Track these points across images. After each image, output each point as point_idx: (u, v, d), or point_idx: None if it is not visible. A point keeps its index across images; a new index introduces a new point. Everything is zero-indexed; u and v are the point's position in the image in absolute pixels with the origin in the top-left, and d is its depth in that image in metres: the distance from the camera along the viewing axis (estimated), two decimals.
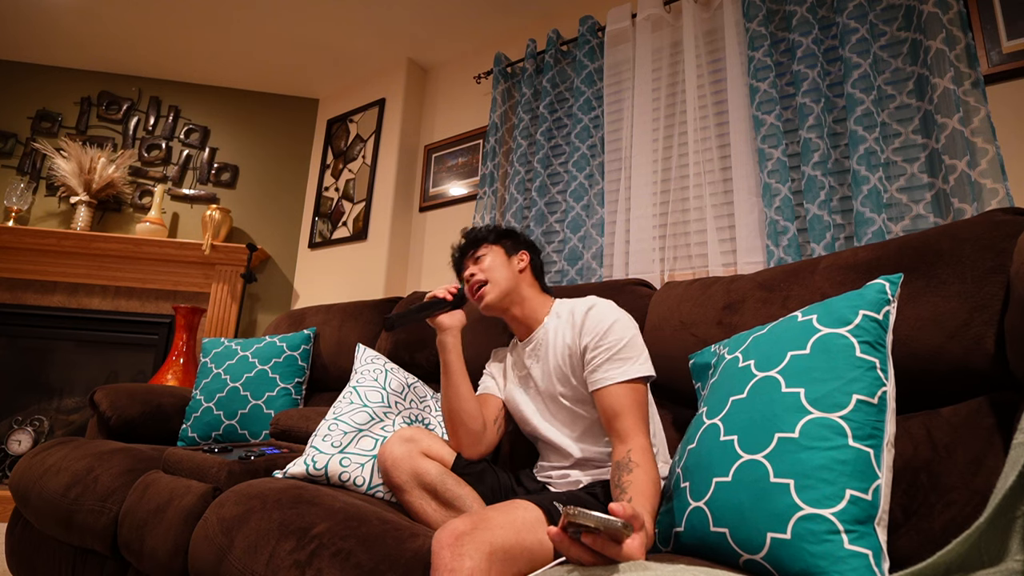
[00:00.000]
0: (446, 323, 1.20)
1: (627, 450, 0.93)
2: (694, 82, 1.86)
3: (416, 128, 2.91)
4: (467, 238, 1.32)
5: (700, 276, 1.63)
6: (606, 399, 1.01)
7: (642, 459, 0.90)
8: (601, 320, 1.08)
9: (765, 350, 0.83)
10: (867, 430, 0.69)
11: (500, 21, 2.57)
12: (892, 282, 0.78)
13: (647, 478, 0.86)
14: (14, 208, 2.81)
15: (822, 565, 0.63)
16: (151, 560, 1.11)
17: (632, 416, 0.97)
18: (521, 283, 1.25)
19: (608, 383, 1.01)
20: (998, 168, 1.32)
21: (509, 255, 1.27)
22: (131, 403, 1.80)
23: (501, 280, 1.22)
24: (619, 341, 1.04)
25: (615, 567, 0.58)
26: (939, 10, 1.43)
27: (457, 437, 1.16)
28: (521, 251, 1.29)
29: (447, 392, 1.18)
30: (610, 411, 0.99)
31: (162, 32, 2.77)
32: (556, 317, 1.20)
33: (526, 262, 1.28)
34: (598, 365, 1.04)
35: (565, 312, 1.18)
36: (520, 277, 1.25)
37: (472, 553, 0.67)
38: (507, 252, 1.27)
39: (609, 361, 1.03)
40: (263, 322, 3.01)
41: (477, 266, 1.25)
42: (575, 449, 1.11)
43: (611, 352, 1.04)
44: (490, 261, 1.24)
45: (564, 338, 1.13)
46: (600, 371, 1.03)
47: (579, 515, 0.56)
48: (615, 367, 1.02)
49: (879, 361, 0.73)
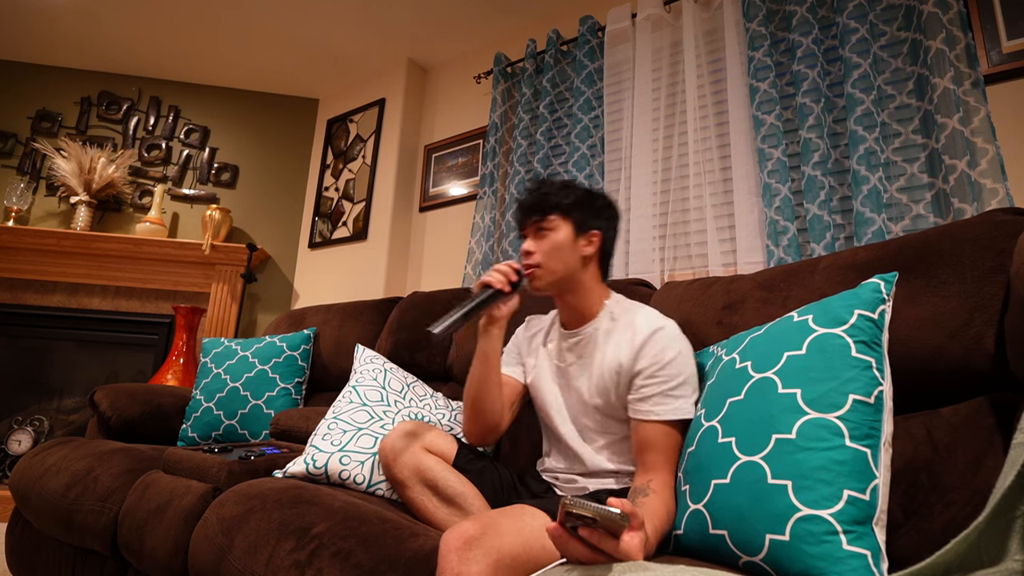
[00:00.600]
0: (499, 314, 1.07)
1: (649, 480, 0.90)
2: (694, 82, 1.86)
3: (416, 128, 2.91)
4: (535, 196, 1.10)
5: (700, 276, 1.63)
6: (645, 432, 0.95)
7: (661, 489, 0.88)
8: (665, 349, 0.98)
9: (762, 351, 0.83)
10: (864, 430, 0.69)
11: (500, 21, 2.57)
12: (887, 281, 0.78)
13: (662, 506, 0.85)
14: (14, 208, 2.81)
15: (821, 566, 0.63)
16: (151, 560, 1.11)
17: (664, 453, 0.93)
18: (582, 270, 1.09)
19: (652, 419, 0.95)
20: (998, 168, 1.32)
21: (578, 234, 1.09)
22: (131, 403, 1.80)
23: (558, 268, 1.07)
24: (676, 377, 0.96)
25: (615, 567, 0.58)
26: (939, 10, 1.43)
27: (474, 425, 1.11)
28: (593, 231, 1.10)
29: (479, 384, 1.09)
30: (645, 444, 0.95)
31: (162, 32, 2.77)
32: (610, 318, 1.09)
33: (596, 245, 1.10)
34: (647, 396, 0.97)
35: (623, 318, 1.07)
36: (583, 263, 1.09)
37: (480, 559, 0.67)
38: (576, 230, 1.08)
39: (661, 396, 0.96)
40: (263, 322, 3.01)
41: (536, 241, 1.08)
42: (592, 459, 1.06)
43: (665, 387, 0.96)
44: (552, 242, 1.07)
45: (618, 352, 1.03)
46: (648, 403, 0.96)
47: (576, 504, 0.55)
48: (664, 404, 0.95)
49: (875, 360, 0.73)
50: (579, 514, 0.56)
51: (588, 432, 1.09)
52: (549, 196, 1.09)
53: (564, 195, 1.09)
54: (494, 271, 1.06)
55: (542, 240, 1.08)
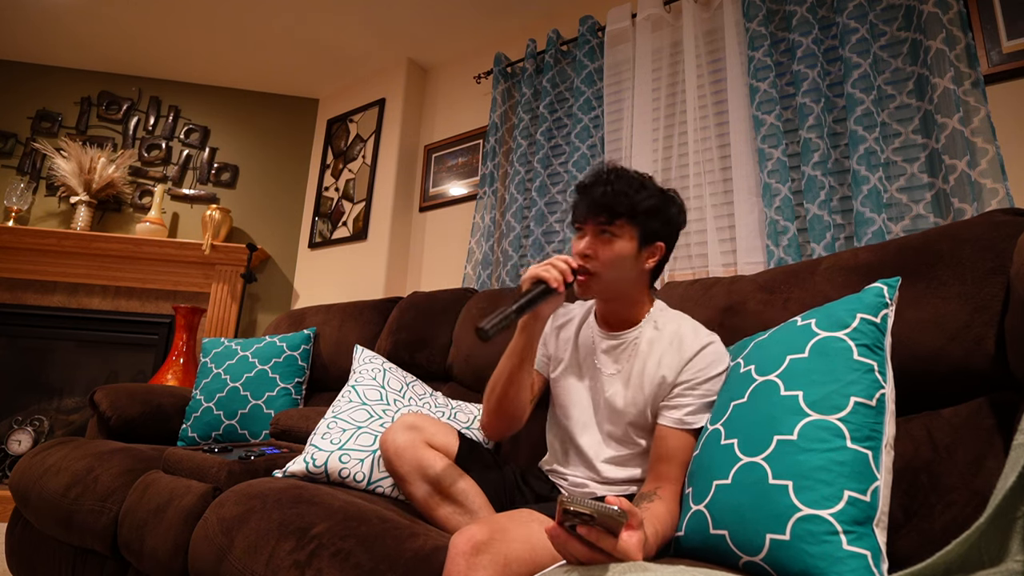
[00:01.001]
0: (546, 313, 1.01)
1: (657, 487, 0.90)
2: (694, 82, 1.86)
3: (416, 128, 2.91)
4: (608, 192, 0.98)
5: (700, 276, 1.63)
6: (668, 440, 0.94)
7: (668, 498, 0.88)
8: (713, 365, 0.96)
9: (765, 355, 0.84)
10: (865, 432, 0.69)
11: (500, 21, 2.57)
12: (890, 286, 0.79)
13: (667, 513, 0.85)
14: (14, 208, 2.81)
15: (821, 566, 0.63)
16: (151, 560, 1.11)
17: (680, 466, 0.92)
18: (638, 281, 1.03)
19: (681, 427, 0.94)
20: (998, 168, 1.32)
21: (642, 246, 1.00)
22: (131, 403, 1.80)
23: (615, 279, 1.00)
24: (712, 392, 0.95)
25: (614, 567, 0.58)
26: (939, 10, 1.43)
27: (498, 421, 1.09)
28: (658, 243, 1.02)
29: (509, 381, 1.05)
30: (664, 453, 0.94)
31: (162, 32, 2.77)
32: (654, 327, 1.04)
33: (657, 258, 1.03)
34: (683, 406, 0.95)
35: (668, 328, 1.03)
36: (640, 274, 1.03)
37: (488, 565, 0.67)
38: (642, 241, 1.00)
39: (695, 408, 0.94)
40: (263, 322, 3.01)
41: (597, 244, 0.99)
42: (607, 468, 1.04)
43: (703, 400, 0.94)
44: (616, 252, 0.98)
45: (662, 364, 0.99)
46: (681, 412, 0.95)
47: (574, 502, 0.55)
48: (696, 416, 0.94)
49: (877, 364, 0.73)
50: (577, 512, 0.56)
51: (611, 440, 1.06)
52: (623, 196, 0.97)
53: (640, 198, 0.98)
54: (551, 266, 0.96)
55: (604, 245, 0.99)
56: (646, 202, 0.98)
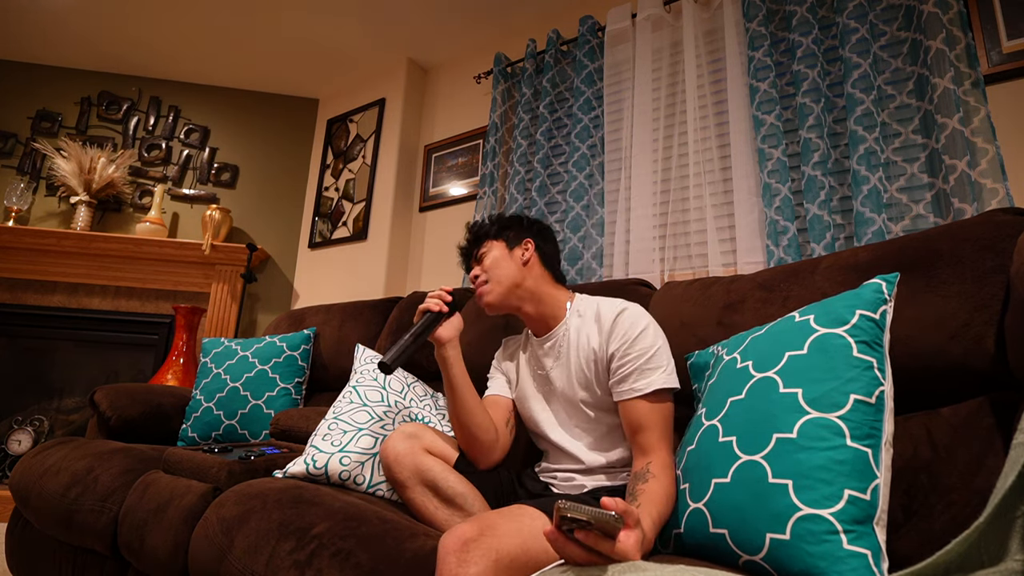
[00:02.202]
0: (445, 336, 1.12)
1: (647, 462, 0.92)
2: (694, 82, 1.86)
3: (416, 128, 2.91)
4: (470, 235, 1.26)
5: (700, 276, 1.63)
6: (632, 412, 0.98)
7: (661, 472, 0.89)
8: (632, 326, 1.03)
9: (763, 350, 0.83)
10: (865, 430, 0.69)
11: (500, 21, 2.57)
12: (889, 282, 0.79)
13: (661, 489, 0.86)
14: (14, 208, 2.81)
15: (821, 565, 0.63)
16: (151, 560, 1.11)
17: (657, 430, 0.95)
18: (527, 277, 1.17)
19: (635, 395, 0.98)
20: (998, 168, 1.32)
21: (511, 247, 1.19)
22: (131, 403, 1.80)
23: (503, 278, 1.15)
24: (648, 350, 1.00)
25: (614, 566, 0.58)
26: (939, 10, 1.43)
27: (471, 450, 1.13)
28: (525, 240, 1.21)
29: (455, 408, 1.12)
30: (635, 424, 0.97)
31: (162, 32, 2.77)
32: (578, 315, 1.14)
33: (530, 251, 1.20)
34: (625, 375, 1.00)
35: (589, 311, 1.12)
36: (526, 270, 1.17)
37: (478, 560, 0.67)
38: (509, 244, 1.20)
39: (637, 372, 0.99)
40: (263, 322, 3.01)
41: (480, 265, 1.20)
42: (587, 456, 1.08)
43: (639, 362, 1.00)
44: (491, 258, 1.18)
45: (589, 341, 1.08)
46: (628, 382, 1.00)
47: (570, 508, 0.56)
48: (644, 379, 0.99)
49: (876, 361, 0.73)
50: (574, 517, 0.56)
51: (578, 431, 1.11)
52: (479, 229, 1.24)
53: (491, 225, 1.24)
54: (429, 297, 1.12)
55: (483, 262, 1.19)
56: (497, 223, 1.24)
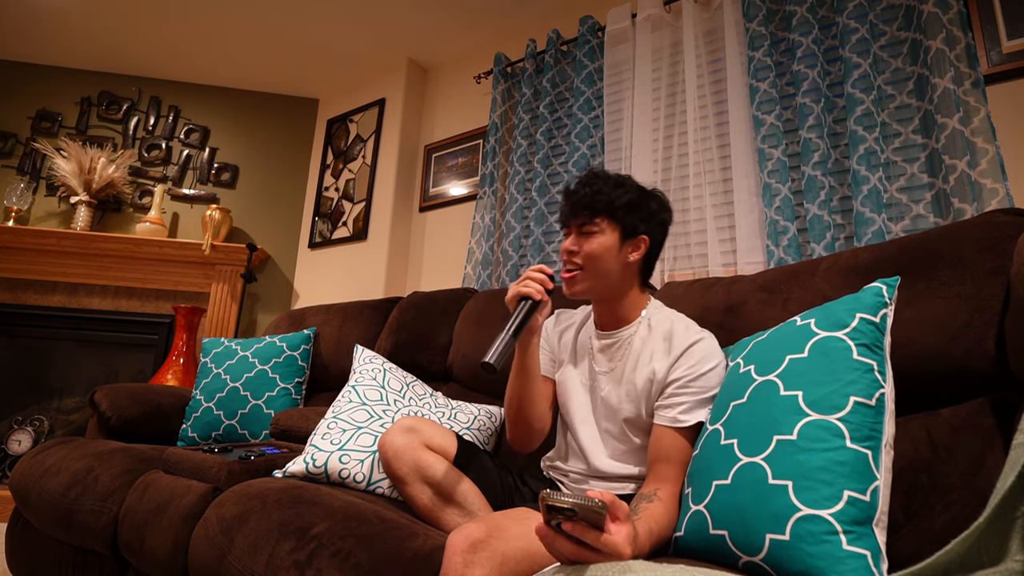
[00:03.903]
0: (537, 325, 1.03)
1: (656, 488, 0.90)
2: (694, 82, 1.86)
3: (416, 128, 2.91)
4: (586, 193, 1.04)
5: (700, 276, 1.63)
6: (664, 439, 0.95)
7: (668, 500, 0.88)
8: (703, 361, 0.96)
9: (765, 355, 0.83)
10: (865, 431, 0.69)
11: (500, 21, 2.57)
12: (889, 285, 0.79)
13: (665, 512, 0.85)
14: (14, 208, 2.81)
15: (821, 566, 0.63)
16: (151, 560, 1.11)
17: (679, 467, 0.92)
18: (624, 277, 1.06)
19: (676, 425, 0.94)
20: (998, 168, 1.32)
21: (624, 240, 1.04)
22: (131, 403, 1.80)
23: (600, 272, 1.03)
24: (708, 389, 0.95)
25: (614, 566, 0.58)
26: (939, 10, 1.43)
27: (520, 437, 1.11)
28: (641, 236, 1.05)
29: (522, 396, 1.07)
30: (663, 452, 0.94)
31: (162, 32, 2.77)
32: (647, 325, 1.06)
33: (642, 251, 1.06)
34: (676, 404, 0.96)
35: (660, 325, 1.05)
36: (627, 268, 1.05)
37: (484, 562, 0.67)
38: (623, 235, 1.04)
39: (690, 406, 0.95)
40: (263, 322, 3.01)
41: (579, 242, 1.04)
42: (605, 464, 1.06)
43: (697, 397, 0.95)
44: (599, 245, 1.02)
45: (653, 361, 1.01)
46: (674, 410, 0.95)
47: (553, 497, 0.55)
48: (690, 413, 0.94)
49: (876, 363, 0.73)
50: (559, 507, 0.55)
51: (608, 438, 1.07)
52: (600, 195, 1.03)
53: (617, 195, 1.03)
54: (528, 280, 1.00)
55: (586, 241, 1.03)
56: (623, 198, 1.03)
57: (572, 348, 1.17)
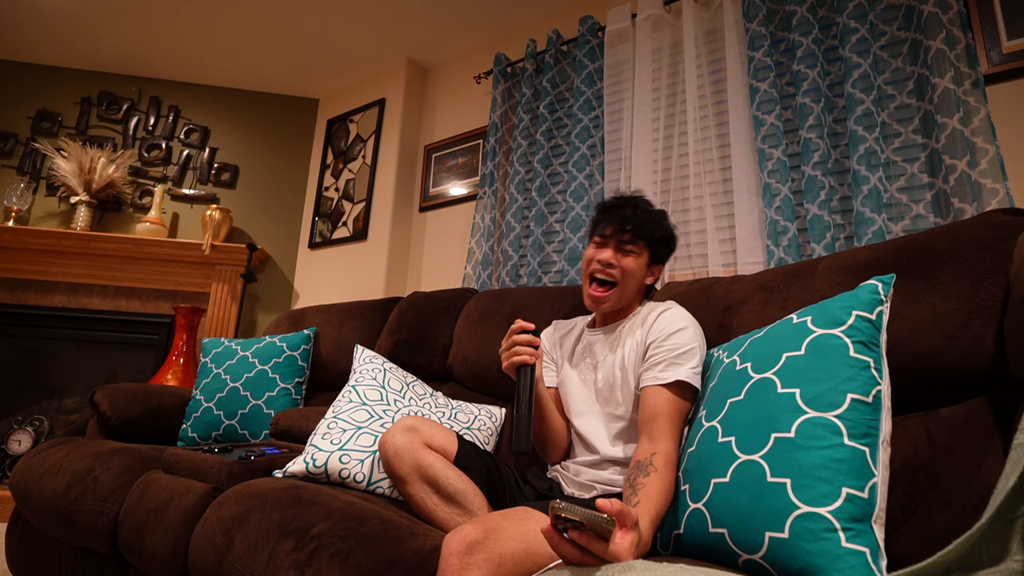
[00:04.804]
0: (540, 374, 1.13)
1: (651, 453, 0.92)
2: (694, 82, 1.86)
3: (416, 128, 2.91)
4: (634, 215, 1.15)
5: (700, 276, 1.63)
6: (650, 398, 1.01)
7: (663, 466, 0.90)
8: (671, 323, 1.07)
9: (762, 352, 0.84)
10: (862, 428, 0.69)
11: (500, 21, 2.57)
12: (885, 282, 0.79)
13: (662, 485, 0.86)
14: (14, 208, 2.81)
15: (820, 563, 0.63)
16: (151, 560, 1.11)
17: (669, 421, 0.97)
18: (637, 294, 1.19)
19: (658, 382, 1.01)
20: (998, 168, 1.32)
21: (650, 265, 1.18)
22: (131, 403, 1.80)
23: (627, 291, 1.16)
24: (681, 346, 1.03)
25: (614, 566, 0.58)
26: (939, 10, 1.43)
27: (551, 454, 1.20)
28: (659, 266, 1.21)
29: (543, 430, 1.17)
30: (651, 411, 0.99)
31: (162, 32, 2.77)
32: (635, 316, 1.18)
33: (655, 277, 1.21)
34: (654, 364, 1.04)
35: (645, 311, 1.17)
36: (641, 288, 1.20)
37: (481, 563, 0.67)
38: (650, 261, 1.18)
39: (665, 363, 1.02)
40: (263, 322, 3.01)
41: (618, 256, 1.14)
42: (604, 447, 1.10)
43: (672, 354, 1.02)
44: (634, 265, 1.15)
45: (635, 335, 1.12)
46: (655, 370, 1.03)
47: (564, 508, 0.56)
48: (670, 370, 1.01)
49: (873, 360, 0.73)
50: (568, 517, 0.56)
51: (610, 420, 1.12)
52: (649, 223, 1.15)
53: (656, 228, 1.16)
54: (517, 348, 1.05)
55: (624, 257, 1.14)
56: (661, 231, 1.18)
57: (572, 351, 1.25)
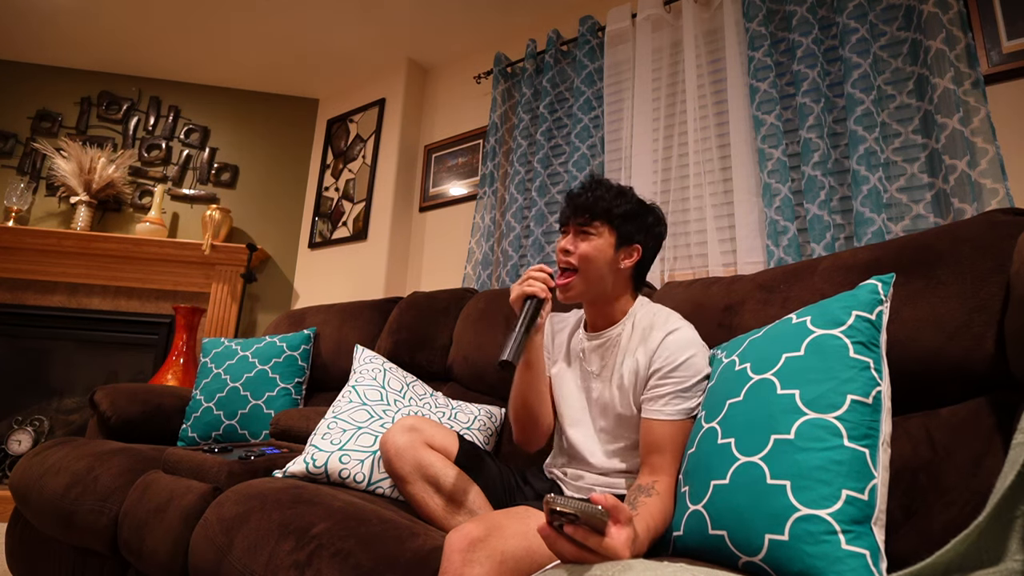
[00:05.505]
0: (542, 321, 1.04)
1: (654, 481, 0.91)
2: (694, 82, 1.86)
3: (416, 128, 2.91)
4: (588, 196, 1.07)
5: (700, 276, 1.63)
6: (654, 431, 0.96)
7: (664, 491, 0.89)
8: (680, 351, 0.98)
9: (761, 353, 0.83)
10: (862, 430, 0.69)
11: (500, 21, 2.57)
12: (884, 282, 0.79)
13: (661, 506, 0.85)
14: (14, 208, 2.81)
15: (820, 566, 0.63)
16: (151, 560, 1.11)
17: (672, 455, 0.93)
18: (616, 281, 1.08)
19: (662, 418, 0.96)
20: (998, 168, 1.32)
21: (619, 246, 1.06)
22: (131, 403, 1.80)
23: (592, 276, 1.05)
24: (689, 379, 0.97)
25: (614, 565, 0.58)
26: (939, 10, 1.43)
27: (528, 435, 1.13)
28: (635, 245, 1.08)
29: (528, 394, 1.10)
30: (654, 444, 0.95)
31: (162, 32, 2.77)
32: (631, 323, 1.09)
33: (634, 260, 1.09)
34: (659, 396, 0.97)
35: (643, 320, 1.07)
36: (618, 274, 1.08)
37: (483, 561, 0.67)
38: (619, 242, 1.06)
39: (672, 396, 0.96)
40: (263, 322, 3.01)
41: (576, 242, 1.06)
42: (600, 461, 1.07)
43: (678, 387, 0.97)
44: (593, 247, 1.05)
45: (635, 354, 1.04)
46: (659, 403, 0.97)
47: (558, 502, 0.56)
48: (675, 404, 0.96)
49: (873, 361, 0.73)
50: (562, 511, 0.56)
51: (604, 436, 1.09)
52: (602, 200, 1.06)
53: (617, 203, 1.06)
54: (531, 280, 1.02)
55: (582, 241, 1.06)
56: (622, 207, 1.07)
57: (565, 350, 1.19)
